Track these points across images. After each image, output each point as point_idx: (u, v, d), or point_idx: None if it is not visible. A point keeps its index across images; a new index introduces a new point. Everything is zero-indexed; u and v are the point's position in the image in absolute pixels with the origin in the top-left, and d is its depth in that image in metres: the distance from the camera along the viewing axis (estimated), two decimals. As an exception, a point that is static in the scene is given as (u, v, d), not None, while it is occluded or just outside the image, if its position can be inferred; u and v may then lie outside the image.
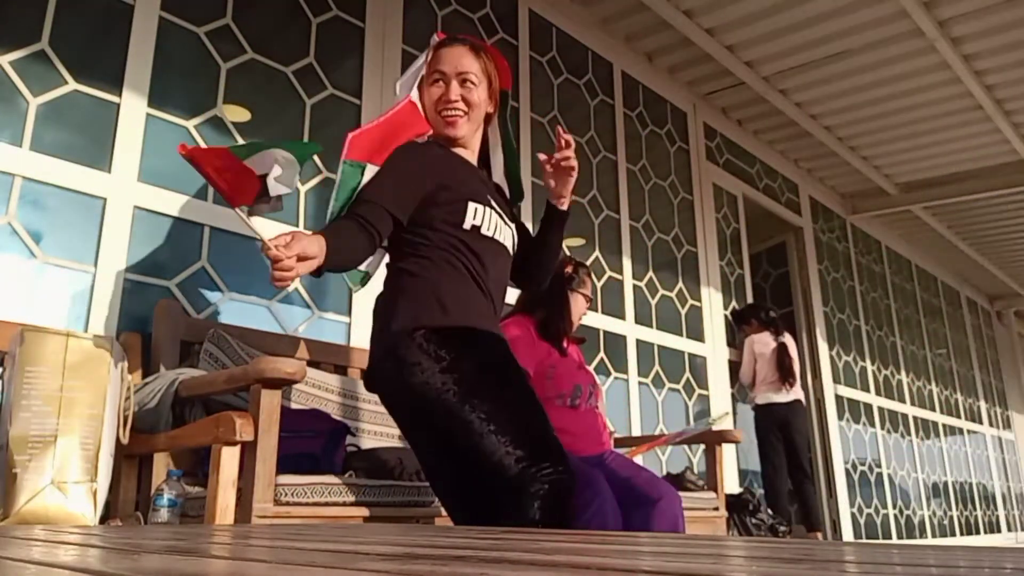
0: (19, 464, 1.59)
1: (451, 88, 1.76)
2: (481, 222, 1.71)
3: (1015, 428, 9.58)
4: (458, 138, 1.80)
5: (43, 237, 2.15)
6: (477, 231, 1.70)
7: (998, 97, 4.75)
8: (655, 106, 4.69)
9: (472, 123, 1.81)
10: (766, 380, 4.77)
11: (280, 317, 2.60)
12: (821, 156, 5.87)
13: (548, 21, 4.03)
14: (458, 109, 1.76)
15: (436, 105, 1.78)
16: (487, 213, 1.73)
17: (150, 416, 1.88)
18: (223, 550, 0.83)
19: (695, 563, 0.63)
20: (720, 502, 2.93)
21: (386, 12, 3.16)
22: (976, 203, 6.49)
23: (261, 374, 1.64)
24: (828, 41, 4.26)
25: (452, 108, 1.76)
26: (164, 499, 1.73)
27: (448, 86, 1.76)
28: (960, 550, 0.87)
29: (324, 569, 0.56)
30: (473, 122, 1.81)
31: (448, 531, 1.22)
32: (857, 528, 5.56)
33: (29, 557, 0.72)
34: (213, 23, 2.61)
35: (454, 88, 1.76)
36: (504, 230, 1.79)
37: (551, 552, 0.74)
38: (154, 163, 2.37)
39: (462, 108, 1.77)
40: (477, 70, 1.78)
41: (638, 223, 4.31)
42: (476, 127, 1.84)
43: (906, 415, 6.87)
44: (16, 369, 1.64)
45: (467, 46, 1.80)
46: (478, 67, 1.79)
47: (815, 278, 5.89)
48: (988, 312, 9.70)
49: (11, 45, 2.16)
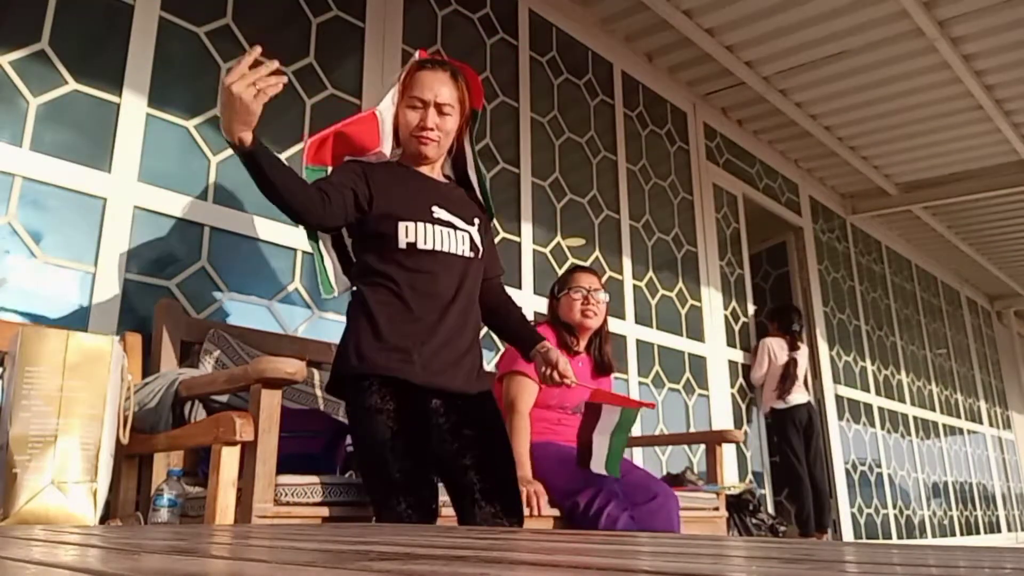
0: (19, 464, 1.59)
1: (428, 116, 1.87)
2: (416, 238, 1.81)
3: (1015, 428, 9.58)
4: (431, 158, 1.92)
5: (43, 237, 2.15)
6: (414, 247, 1.81)
7: (998, 97, 4.75)
8: (655, 106, 4.69)
9: (442, 147, 1.93)
10: (770, 386, 4.86)
11: (280, 317, 2.60)
12: (821, 156, 5.87)
13: (548, 21, 4.03)
14: (432, 137, 1.88)
15: (412, 129, 1.88)
16: (423, 228, 1.82)
17: (150, 416, 1.88)
18: (223, 550, 0.83)
19: (695, 563, 0.63)
20: (720, 502, 2.93)
21: (386, 12, 3.16)
22: (976, 203, 6.49)
23: (261, 374, 1.64)
24: (828, 41, 4.26)
25: (427, 134, 1.88)
26: (164, 499, 1.73)
27: (426, 113, 1.87)
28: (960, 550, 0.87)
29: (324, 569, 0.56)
30: (443, 146, 1.93)
31: (448, 531, 1.22)
32: (857, 528, 5.56)
33: (29, 557, 0.72)
34: (213, 23, 2.61)
35: (431, 116, 1.87)
36: (454, 237, 1.87)
37: (551, 552, 0.74)
38: (154, 163, 2.37)
39: (436, 136, 1.88)
40: (454, 100, 1.89)
41: (638, 223, 4.31)
42: (444, 150, 1.96)
43: (906, 415, 6.87)
44: (16, 369, 1.64)
45: (447, 72, 1.90)
46: (455, 96, 1.90)
47: (815, 278, 5.90)
48: (988, 312, 9.70)
49: (11, 45, 2.16)
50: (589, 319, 2.55)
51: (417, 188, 1.89)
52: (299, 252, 2.69)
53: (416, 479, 1.71)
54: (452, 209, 1.89)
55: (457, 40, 3.49)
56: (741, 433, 3.25)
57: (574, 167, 3.97)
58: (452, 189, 1.99)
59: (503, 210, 3.48)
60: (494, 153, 3.52)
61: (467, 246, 1.89)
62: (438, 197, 1.89)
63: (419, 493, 1.71)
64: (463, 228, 1.90)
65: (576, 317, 2.56)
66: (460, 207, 1.93)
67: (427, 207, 1.85)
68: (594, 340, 2.63)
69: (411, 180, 1.90)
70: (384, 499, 1.70)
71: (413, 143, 1.89)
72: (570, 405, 2.50)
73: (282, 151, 2.72)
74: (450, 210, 1.89)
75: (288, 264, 2.67)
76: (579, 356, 2.59)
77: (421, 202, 1.85)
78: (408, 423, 1.72)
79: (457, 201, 1.95)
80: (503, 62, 3.69)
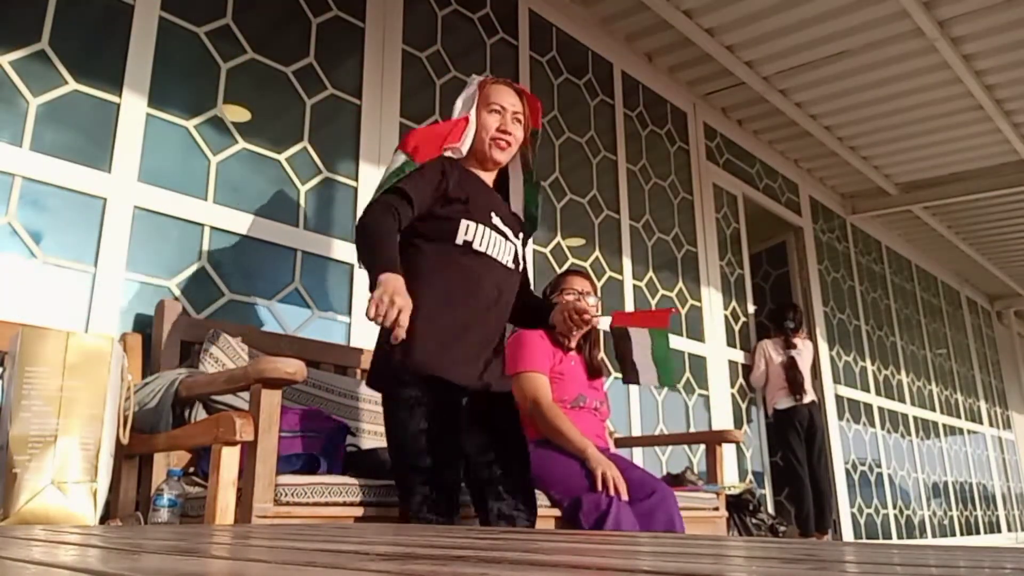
0: (19, 464, 1.59)
1: (507, 121, 2.04)
2: (473, 238, 1.91)
3: (1015, 428, 9.58)
4: (500, 162, 2.07)
5: (43, 237, 2.15)
6: (469, 246, 1.91)
7: (998, 97, 4.75)
8: (655, 106, 4.69)
9: (512, 153, 2.08)
10: (776, 387, 4.85)
11: (280, 317, 2.60)
12: (821, 156, 5.87)
13: (548, 21, 4.03)
14: (509, 141, 2.05)
15: (492, 132, 2.03)
16: (481, 230, 1.93)
17: (150, 416, 1.88)
18: (223, 550, 0.83)
19: (695, 563, 0.63)
20: (720, 502, 2.93)
21: (386, 12, 3.16)
22: (976, 203, 6.49)
23: (261, 374, 1.64)
24: (828, 41, 4.26)
25: (506, 137, 2.04)
26: (164, 499, 1.73)
27: (506, 118, 2.04)
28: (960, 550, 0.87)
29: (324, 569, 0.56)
30: (511, 153, 2.08)
31: (448, 531, 1.22)
32: (857, 528, 5.56)
33: (29, 557, 0.72)
34: (213, 23, 2.61)
35: (509, 121, 2.04)
36: (504, 246, 1.99)
37: (551, 552, 0.74)
38: (154, 163, 2.37)
39: (511, 139, 2.05)
40: (523, 112, 2.08)
41: (638, 223, 4.31)
42: (510, 157, 2.10)
43: (906, 415, 6.87)
44: (16, 369, 1.64)
45: (515, 90, 2.10)
46: (523, 110, 2.09)
47: (815, 278, 5.90)
48: (988, 312, 9.70)
49: (11, 45, 2.16)
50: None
51: (482, 192, 2.01)
52: (299, 252, 2.70)
53: (444, 469, 1.79)
54: (505, 221, 2.02)
55: (457, 40, 3.49)
56: (741, 433, 3.25)
57: (574, 167, 3.97)
58: (504, 201, 2.10)
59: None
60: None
61: (511, 257, 2.01)
62: (496, 206, 2.02)
63: (445, 482, 1.79)
64: (512, 241, 2.03)
65: None
66: (511, 220, 2.06)
67: (487, 212, 1.97)
68: (583, 342, 2.65)
69: (478, 183, 2.03)
70: (411, 486, 1.77)
71: (490, 146, 2.03)
72: (569, 399, 2.49)
73: (282, 151, 2.72)
74: (504, 221, 2.01)
75: (288, 264, 2.67)
76: (571, 354, 2.60)
77: (483, 205, 1.97)
78: (442, 417, 1.81)
79: (509, 214, 2.07)
80: (503, 62, 3.69)
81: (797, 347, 4.93)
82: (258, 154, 2.65)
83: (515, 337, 2.56)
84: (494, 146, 2.03)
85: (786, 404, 4.83)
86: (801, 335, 5.07)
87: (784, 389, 4.84)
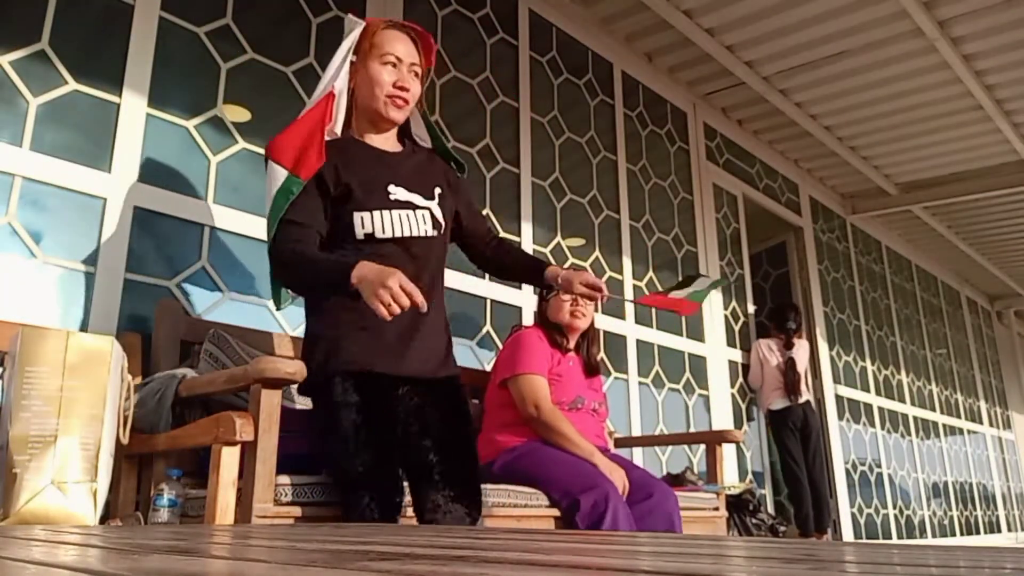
0: (19, 464, 1.59)
1: (404, 75, 1.83)
2: (373, 228, 1.77)
3: (1015, 428, 9.58)
4: (397, 122, 1.88)
5: (43, 237, 2.14)
6: (372, 237, 1.77)
7: (998, 97, 4.75)
8: (655, 106, 4.69)
9: (409, 111, 1.89)
10: (773, 387, 4.85)
11: (280, 317, 2.60)
12: (821, 156, 5.87)
13: (548, 21, 4.03)
14: (407, 98, 1.84)
15: (388, 88, 1.82)
16: (379, 216, 1.77)
17: (150, 416, 1.88)
18: (223, 550, 0.83)
19: (695, 563, 0.63)
20: (720, 502, 2.93)
21: (386, 12, 3.16)
22: (976, 203, 6.49)
23: (261, 374, 1.64)
24: (828, 41, 4.26)
25: (403, 95, 1.83)
26: (164, 499, 1.73)
27: (402, 72, 1.83)
28: (960, 550, 0.87)
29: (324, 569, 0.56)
30: (410, 110, 1.89)
31: (448, 531, 1.22)
32: (857, 528, 5.56)
33: (29, 557, 0.72)
34: (213, 23, 2.61)
35: (407, 75, 1.83)
36: (413, 218, 1.81)
37: (551, 552, 0.74)
38: (154, 163, 2.37)
39: (409, 96, 1.84)
40: (420, 64, 1.87)
41: (638, 223, 4.31)
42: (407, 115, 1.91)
43: (906, 415, 6.88)
44: (16, 369, 1.64)
45: (409, 36, 1.86)
46: (420, 60, 1.87)
47: (815, 278, 5.90)
48: (988, 312, 9.70)
49: (11, 45, 2.16)
50: (577, 320, 2.59)
51: (373, 167, 1.83)
52: (299, 252, 2.69)
53: (379, 473, 1.71)
54: (410, 185, 1.84)
55: (457, 40, 3.49)
56: (741, 433, 3.25)
57: (574, 167, 3.97)
58: (408, 157, 1.92)
59: (503, 210, 3.49)
60: (494, 153, 3.52)
61: (429, 224, 1.83)
62: (394, 175, 1.83)
63: (382, 487, 1.71)
64: (423, 205, 1.84)
65: (565, 318, 2.58)
66: (419, 179, 1.87)
67: (383, 189, 1.80)
68: (582, 341, 2.66)
69: (367, 158, 1.84)
70: (347, 494, 1.71)
71: (386, 104, 1.83)
72: (567, 400, 2.49)
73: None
74: (408, 187, 1.83)
75: (288, 264, 2.66)
76: (569, 355, 2.60)
77: (379, 184, 1.80)
78: (373, 415, 1.72)
79: (415, 172, 1.88)
80: (503, 62, 3.69)
81: (796, 348, 4.93)
82: (258, 154, 2.65)
83: (513, 338, 2.56)
84: (390, 104, 1.82)
85: (780, 404, 4.82)
86: (799, 336, 5.08)
87: (779, 390, 4.84)
